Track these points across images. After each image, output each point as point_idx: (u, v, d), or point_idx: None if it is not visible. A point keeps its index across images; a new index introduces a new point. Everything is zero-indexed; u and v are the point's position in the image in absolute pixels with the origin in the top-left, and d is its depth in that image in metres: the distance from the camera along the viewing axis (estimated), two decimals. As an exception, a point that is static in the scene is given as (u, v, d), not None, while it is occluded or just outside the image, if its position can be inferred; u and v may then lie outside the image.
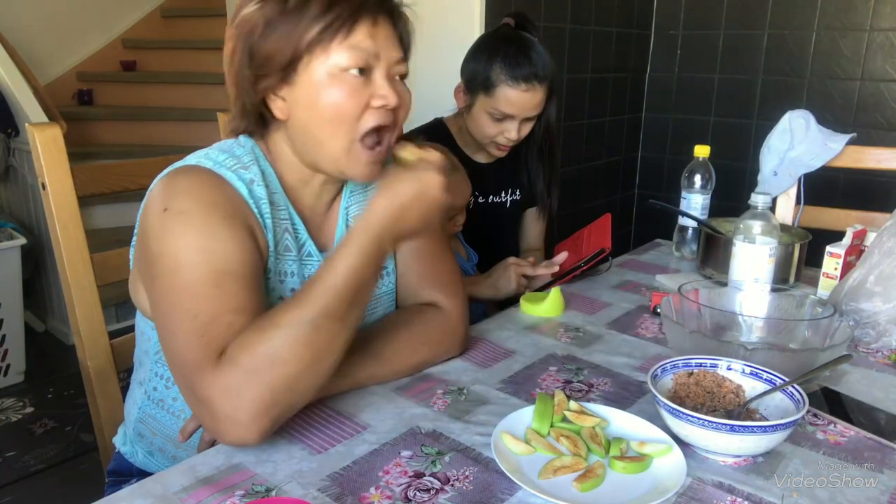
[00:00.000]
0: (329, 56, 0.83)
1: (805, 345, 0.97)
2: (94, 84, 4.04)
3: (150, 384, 0.97)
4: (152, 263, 0.81)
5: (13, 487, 1.91)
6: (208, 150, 0.91)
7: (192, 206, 0.82)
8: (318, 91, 0.84)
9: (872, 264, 1.14)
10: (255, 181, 0.88)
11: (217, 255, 0.80)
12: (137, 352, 1.00)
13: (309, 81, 0.84)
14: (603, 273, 1.46)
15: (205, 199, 0.83)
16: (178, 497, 0.69)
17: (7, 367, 2.47)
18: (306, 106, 0.85)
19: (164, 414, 0.96)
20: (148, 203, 0.85)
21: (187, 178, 0.85)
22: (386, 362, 0.93)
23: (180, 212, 0.81)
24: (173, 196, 0.83)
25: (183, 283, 0.78)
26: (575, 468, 0.74)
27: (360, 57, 0.84)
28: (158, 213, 0.82)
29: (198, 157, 0.88)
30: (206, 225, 0.81)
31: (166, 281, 0.79)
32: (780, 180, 1.70)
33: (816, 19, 2.67)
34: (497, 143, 1.52)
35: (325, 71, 0.83)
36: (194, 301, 0.77)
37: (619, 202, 3.23)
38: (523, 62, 1.43)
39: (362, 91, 0.85)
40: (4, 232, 2.54)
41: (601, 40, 2.80)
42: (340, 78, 0.84)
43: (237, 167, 0.87)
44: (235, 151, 0.90)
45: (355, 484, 0.72)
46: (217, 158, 0.87)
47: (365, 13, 0.84)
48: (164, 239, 0.80)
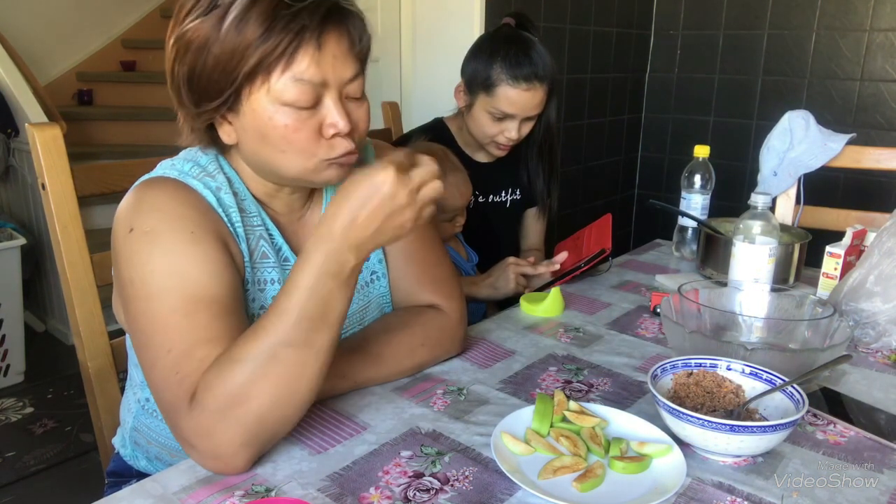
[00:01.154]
0: (270, 86, 0.76)
1: (805, 345, 0.97)
2: (93, 84, 4.04)
3: (143, 394, 0.95)
4: (124, 286, 0.79)
5: (13, 487, 1.91)
6: (174, 159, 0.88)
7: (158, 223, 0.78)
8: (264, 122, 0.78)
9: (872, 264, 1.14)
10: (221, 188, 0.85)
11: (187, 278, 0.76)
12: (131, 359, 0.99)
13: (252, 112, 0.78)
14: (603, 273, 1.46)
15: (171, 214, 0.79)
16: (178, 497, 0.69)
17: (7, 368, 2.47)
18: (254, 136, 0.80)
19: (158, 424, 0.94)
20: (116, 221, 0.82)
21: (152, 193, 0.82)
22: (385, 364, 0.93)
23: (145, 232, 0.78)
24: (138, 215, 0.80)
25: (154, 312, 0.76)
26: (575, 468, 0.74)
27: (304, 91, 0.77)
28: (125, 235, 0.79)
29: (164, 168, 0.86)
30: (174, 244, 0.78)
31: (139, 307, 0.77)
32: (780, 180, 1.70)
33: (816, 19, 2.67)
34: (497, 143, 1.52)
35: (269, 101, 0.77)
36: (166, 333, 0.75)
37: (618, 202, 3.24)
38: (524, 62, 1.43)
39: (308, 122, 0.79)
40: (4, 232, 2.54)
41: (601, 41, 2.80)
42: (283, 111, 0.77)
43: (203, 175, 0.85)
44: (200, 160, 0.87)
45: (355, 484, 0.72)
46: (182, 168, 0.85)
47: (307, 36, 0.75)
48: (132, 263, 0.78)
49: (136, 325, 0.78)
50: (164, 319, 0.75)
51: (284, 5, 0.74)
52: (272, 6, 0.74)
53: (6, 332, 2.45)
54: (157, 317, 0.76)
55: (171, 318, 0.75)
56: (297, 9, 0.74)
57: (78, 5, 4.03)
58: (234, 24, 0.74)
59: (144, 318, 0.77)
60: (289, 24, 0.74)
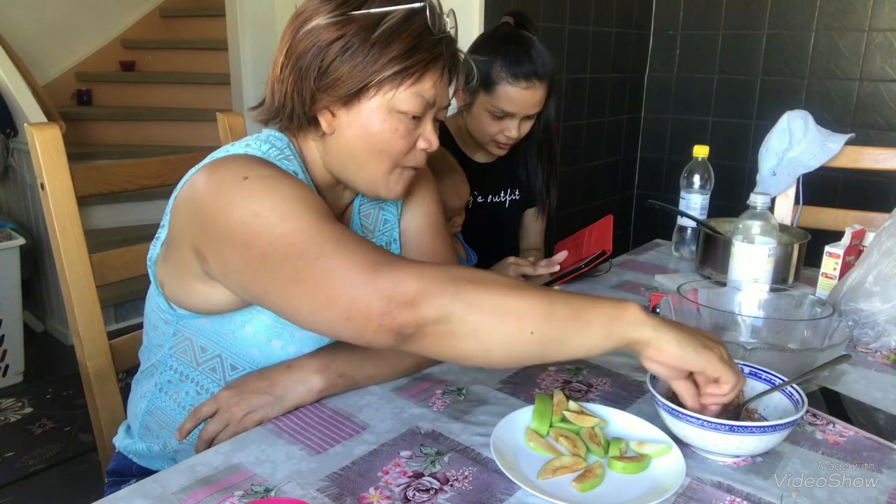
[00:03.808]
0: (394, 95, 0.86)
1: (804, 345, 0.97)
2: (92, 84, 4.04)
3: (163, 377, 0.97)
4: (238, 227, 0.75)
5: (12, 488, 1.91)
6: (246, 140, 0.90)
7: (273, 172, 0.80)
8: (374, 122, 0.87)
9: (871, 264, 1.14)
10: (298, 174, 0.89)
11: (320, 204, 0.78)
12: (148, 346, 1.00)
13: (368, 110, 0.86)
14: (603, 274, 1.47)
15: (280, 169, 0.82)
16: (178, 497, 0.69)
17: (6, 368, 2.47)
18: (358, 132, 0.88)
19: (174, 407, 0.96)
20: (204, 186, 0.80)
21: (247, 157, 0.84)
22: (384, 363, 0.93)
23: (264, 176, 0.79)
24: (249, 167, 0.80)
25: (299, 224, 0.74)
26: (574, 468, 0.74)
27: (421, 105, 0.87)
28: (237, 183, 0.78)
29: (240, 148, 0.87)
30: (295, 182, 0.80)
31: (276, 230, 0.74)
32: (779, 180, 1.71)
33: (815, 19, 2.67)
34: (497, 142, 1.52)
35: (385, 106, 0.86)
36: (324, 232, 0.73)
37: (618, 202, 3.24)
38: (524, 60, 1.43)
39: (413, 133, 0.89)
40: (3, 232, 2.54)
41: (600, 40, 2.80)
42: (397, 118, 0.87)
43: (281, 158, 0.88)
44: (276, 144, 0.90)
45: (354, 484, 0.72)
46: (261, 149, 0.87)
47: (439, 63, 0.87)
48: (256, 198, 0.76)
49: (275, 246, 0.73)
50: (313, 225, 0.74)
51: (429, 32, 0.86)
52: (420, 30, 0.85)
53: (5, 332, 2.45)
54: (303, 227, 0.74)
55: (321, 224, 0.74)
56: (438, 38, 0.86)
57: (77, 5, 4.03)
58: (384, 35, 0.83)
59: (286, 237, 0.73)
60: (431, 49, 0.86)
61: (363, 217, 1.04)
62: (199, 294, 0.87)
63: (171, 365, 0.96)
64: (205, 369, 0.93)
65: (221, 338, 0.91)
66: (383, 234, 1.06)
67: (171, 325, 0.93)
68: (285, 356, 0.91)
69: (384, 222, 1.06)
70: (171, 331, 0.94)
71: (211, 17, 3.95)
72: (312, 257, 0.72)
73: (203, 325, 0.91)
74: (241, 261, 0.76)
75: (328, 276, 0.71)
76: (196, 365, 0.94)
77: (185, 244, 0.83)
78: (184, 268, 0.85)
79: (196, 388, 0.95)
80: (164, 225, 0.90)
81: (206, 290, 0.85)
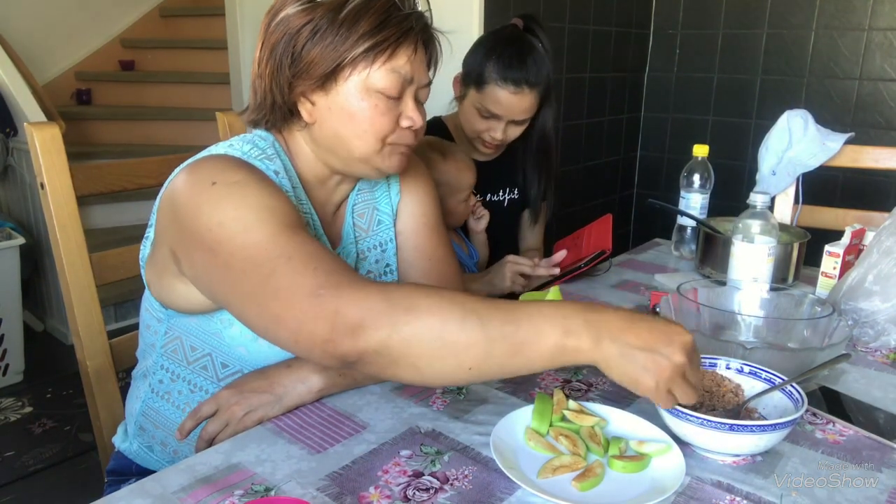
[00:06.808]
0: (370, 73, 0.86)
1: (804, 344, 0.97)
2: (92, 84, 4.04)
3: (154, 377, 0.97)
4: (205, 234, 0.76)
5: (12, 487, 1.91)
6: (230, 141, 0.91)
7: (243, 177, 0.81)
8: (353, 102, 0.87)
9: (871, 263, 1.14)
10: (279, 173, 0.89)
11: (284, 213, 0.78)
12: (142, 346, 1.00)
13: (346, 92, 0.87)
14: (602, 273, 1.46)
15: (252, 174, 0.82)
16: (178, 497, 0.69)
17: (6, 367, 2.47)
18: (339, 115, 0.88)
19: (168, 407, 0.97)
20: (180, 188, 0.82)
21: (224, 159, 0.85)
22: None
23: (233, 182, 0.80)
24: (220, 172, 0.81)
25: (258, 237, 0.75)
26: (574, 467, 0.74)
27: (398, 81, 0.87)
28: (206, 188, 0.79)
29: (222, 149, 0.88)
30: (263, 189, 0.80)
31: (235, 242, 0.75)
32: (779, 179, 1.71)
33: (815, 19, 2.67)
34: (483, 140, 1.52)
35: (362, 85, 0.86)
36: (279, 246, 0.73)
37: (617, 202, 3.24)
38: (516, 65, 1.43)
39: (394, 110, 0.89)
40: (3, 232, 2.54)
41: (600, 40, 2.80)
42: (376, 96, 0.87)
43: (262, 157, 0.88)
44: (258, 143, 0.90)
45: (354, 483, 0.72)
46: (242, 149, 0.88)
47: (411, 37, 0.87)
48: (220, 207, 0.77)
49: (235, 259, 0.75)
50: (275, 238, 0.75)
51: (397, 8, 0.86)
52: (387, 6, 0.86)
53: (5, 332, 2.45)
54: (265, 238, 0.74)
55: (279, 236, 0.75)
56: (407, 13, 0.87)
57: (77, 5, 4.03)
58: (352, 13, 0.84)
59: (245, 249, 0.74)
60: (400, 24, 0.86)
61: (357, 217, 1.04)
62: (180, 293, 0.88)
63: (163, 365, 0.96)
64: (196, 368, 0.94)
65: (209, 337, 0.92)
66: (377, 235, 1.06)
67: (163, 323, 0.94)
68: (273, 355, 0.90)
69: (378, 223, 1.06)
70: (162, 329, 0.94)
71: (211, 16, 3.95)
72: (265, 274, 0.73)
73: (192, 324, 0.92)
74: (206, 266, 0.78)
75: (276, 297, 0.72)
76: (187, 364, 0.94)
77: (164, 243, 0.85)
78: (164, 267, 0.87)
79: (189, 387, 0.95)
80: (151, 224, 0.90)
81: (185, 290, 0.86)
